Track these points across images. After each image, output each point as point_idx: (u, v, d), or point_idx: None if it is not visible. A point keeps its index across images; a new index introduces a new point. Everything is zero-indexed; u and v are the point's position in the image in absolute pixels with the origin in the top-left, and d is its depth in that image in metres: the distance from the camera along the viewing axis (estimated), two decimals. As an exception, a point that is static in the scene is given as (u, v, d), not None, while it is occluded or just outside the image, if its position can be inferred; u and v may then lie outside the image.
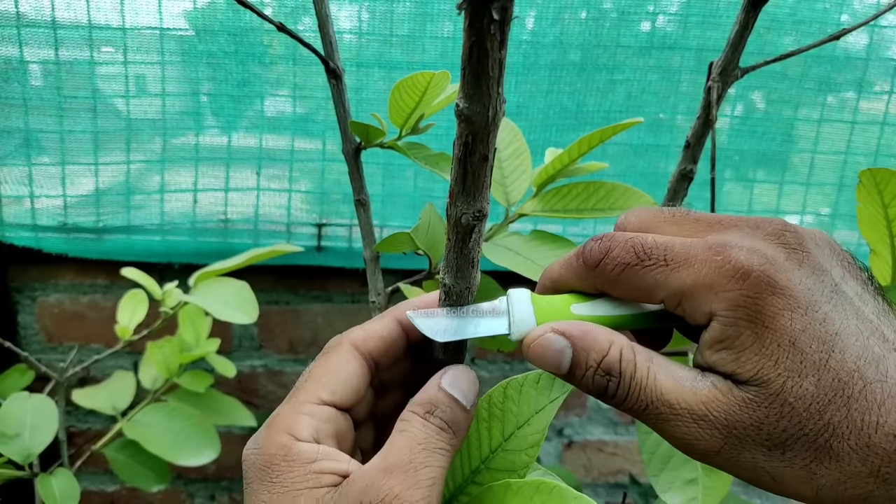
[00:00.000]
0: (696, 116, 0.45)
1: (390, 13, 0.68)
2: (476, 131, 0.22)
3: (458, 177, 0.24)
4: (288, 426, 0.27)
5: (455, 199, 0.25)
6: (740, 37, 0.42)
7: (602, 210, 0.46)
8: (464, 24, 0.20)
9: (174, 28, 0.68)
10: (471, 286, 0.28)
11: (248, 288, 0.58)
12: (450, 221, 0.25)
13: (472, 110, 0.22)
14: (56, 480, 0.55)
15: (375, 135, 0.45)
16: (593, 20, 0.70)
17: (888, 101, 0.75)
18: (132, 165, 0.73)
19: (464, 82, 0.21)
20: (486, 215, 0.25)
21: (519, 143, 0.51)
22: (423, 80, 0.41)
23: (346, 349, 0.29)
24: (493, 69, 0.21)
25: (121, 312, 0.65)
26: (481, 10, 0.20)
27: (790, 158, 0.78)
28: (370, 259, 0.48)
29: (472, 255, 0.26)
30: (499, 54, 0.21)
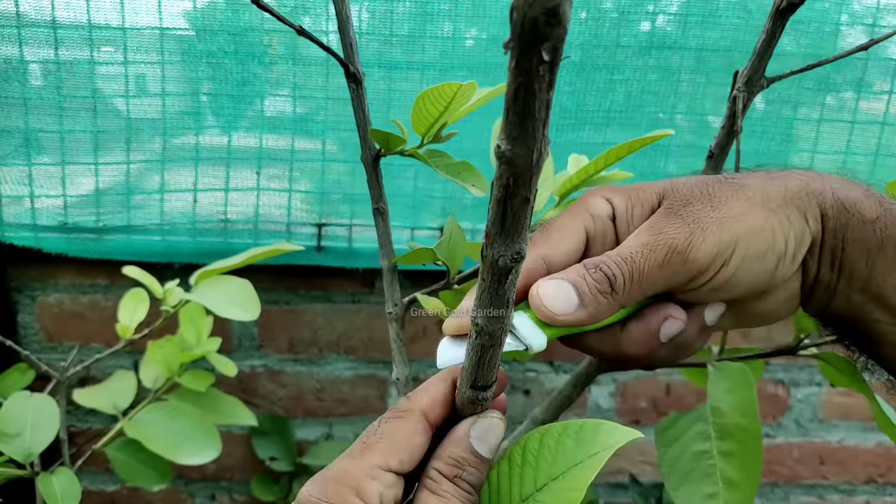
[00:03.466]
0: (721, 126, 0.44)
1: (390, 13, 0.68)
2: (519, 174, 0.21)
3: (496, 218, 0.23)
4: (358, 487, 0.28)
5: (492, 241, 0.24)
6: (767, 46, 0.41)
7: None
8: (509, 64, 0.19)
9: (174, 28, 0.68)
10: (504, 325, 0.27)
11: (249, 285, 0.58)
12: (485, 262, 0.24)
13: (515, 153, 0.21)
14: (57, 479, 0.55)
15: (396, 142, 0.44)
16: (593, 20, 0.70)
17: (888, 100, 0.75)
18: (132, 165, 0.73)
19: (506, 123, 0.20)
20: (524, 257, 0.24)
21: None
22: (450, 90, 0.41)
23: (419, 419, 0.30)
24: (540, 111, 0.20)
25: (122, 311, 0.65)
26: (531, 49, 0.18)
27: (790, 158, 0.78)
28: (388, 269, 0.47)
29: (508, 296, 0.26)
30: (546, 95, 0.19)
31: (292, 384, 0.86)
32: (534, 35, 0.18)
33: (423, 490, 0.29)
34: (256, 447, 0.84)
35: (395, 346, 0.45)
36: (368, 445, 0.29)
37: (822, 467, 0.93)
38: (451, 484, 0.29)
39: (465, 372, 0.30)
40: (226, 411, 0.68)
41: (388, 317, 0.46)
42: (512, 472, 0.30)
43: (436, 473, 0.29)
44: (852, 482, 0.94)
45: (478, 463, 0.30)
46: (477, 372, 0.29)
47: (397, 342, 0.46)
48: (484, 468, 0.30)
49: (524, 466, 0.30)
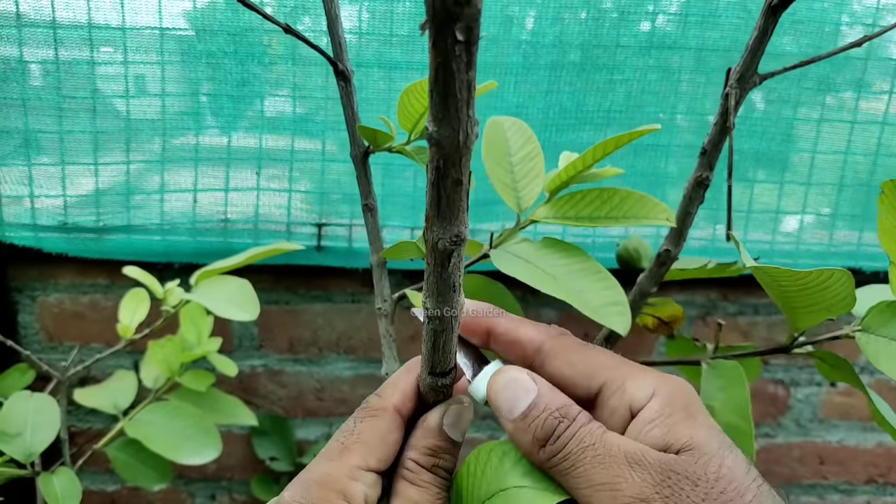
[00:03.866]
0: (713, 123, 0.44)
1: (390, 13, 0.68)
2: (447, 155, 0.21)
3: (432, 201, 0.23)
4: (343, 490, 0.28)
5: (431, 224, 0.24)
6: (759, 42, 0.41)
7: (616, 219, 0.44)
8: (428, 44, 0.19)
9: (174, 28, 0.68)
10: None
11: (249, 286, 0.58)
12: (427, 246, 0.25)
13: (441, 134, 0.21)
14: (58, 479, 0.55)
15: (384, 139, 0.45)
16: (593, 20, 0.70)
17: (888, 100, 0.75)
18: (132, 165, 0.73)
19: (432, 105, 0.20)
20: (465, 240, 0.24)
21: (532, 145, 0.49)
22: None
23: (392, 416, 0.31)
24: (462, 91, 0.20)
25: (122, 311, 0.65)
26: (444, 30, 0.19)
27: (790, 158, 0.78)
28: (377, 264, 0.47)
29: (453, 280, 0.26)
30: (466, 76, 0.20)
31: (292, 384, 0.86)
32: (446, 16, 0.18)
33: (402, 481, 0.30)
34: (256, 447, 0.84)
35: (385, 342, 0.46)
36: (346, 447, 0.30)
37: (821, 467, 0.93)
38: (428, 473, 0.30)
39: (422, 359, 0.30)
40: (226, 411, 0.68)
41: (378, 312, 0.46)
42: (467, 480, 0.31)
43: (413, 464, 0.30)
44: (852, 482, 0.94)
45: (451, 448, 0.30)
46: (433, 358, 0.29)
47: (387, 338, 0.46)
48: (456, 452, 0.31)
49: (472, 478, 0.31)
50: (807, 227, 0.81)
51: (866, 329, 0.42)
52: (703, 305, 0.86)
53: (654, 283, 0.50)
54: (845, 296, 0.40)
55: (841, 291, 0.40)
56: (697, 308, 0.86)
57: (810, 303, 0.41)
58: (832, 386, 0.90)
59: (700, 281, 0.84)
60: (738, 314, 0.86)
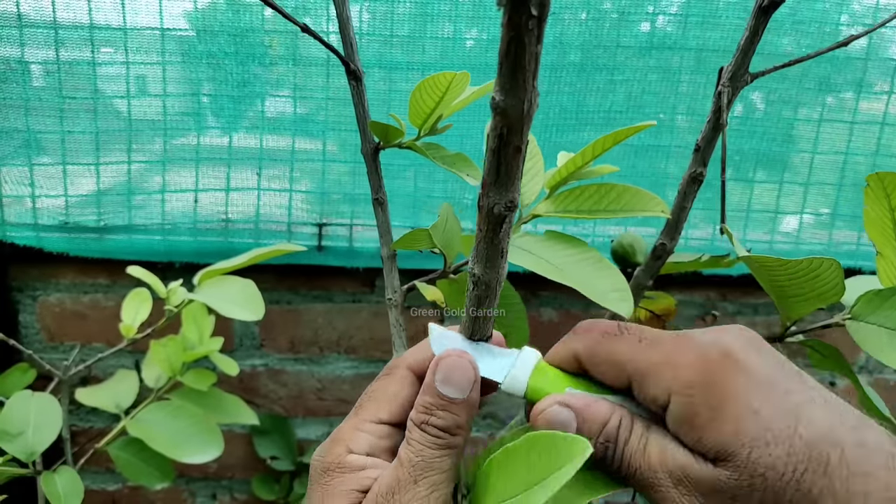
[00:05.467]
0: (707, 120, 0.45)
1: (390, 13, 0.68)
2: (511, 123, 0.23)
3: (491, 168, 0.25)
4: (348, 441, 0.31)
5: (487, 190, 0.25)
6: (750, 42, 0.42)
7: (613, 211, 0.47)
8: (502, 20, 0.21)
9: (175, 28, 0.68)
10: (500, 277, 0.28)
11: (253, 285, 0.59)
12: (481, 212, 0.26)
13: (507, 103, 0.22)
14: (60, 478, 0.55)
15: (395, 135, 0.45)
16: (593, 20, 0.70)
17: (888, 101, 0.75)
18: (133, 165, 0.73)
19: (500, 76, 0.22)
20: (517, 206, 0.26)
21: (531, 146, 0.51)
22: (444, 80, 0.42)
23: (405, 374, 0.32)
24: (530, 63, 0.21)
25: (125, 311, 0.65)
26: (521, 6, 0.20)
27: (790, 158, 0.78)
28: (387, 257, 0.48)
29: (502, 246, 0.27)
30: (535, 49, 0.21)
31: (293, 383, 0.86)
32: None
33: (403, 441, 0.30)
34: (257, 446, 0.84)
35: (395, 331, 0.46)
36: (360, 405, 0.32)
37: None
38: (419, 431, 0.29)
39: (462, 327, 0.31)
40: (227, 410, 0.69)
41: (388, 303, 0.47)
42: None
43: (409, 423, 0.30)
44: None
45: (446, 405, 0.29)
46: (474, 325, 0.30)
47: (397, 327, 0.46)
48: (460, 410, 0.29)
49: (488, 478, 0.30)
50: (806, 227, 0.81)
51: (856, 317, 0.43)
52: (702, 305, 0.86)
53: (650, 276, 0.51)
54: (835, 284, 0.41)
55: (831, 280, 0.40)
56: (696, 308, 0.86)
57: (801, 292, 0.43)
58: (832, 386, 0.90)
59: (699, 281, 0.84)
60: (737, 314, 0.86)
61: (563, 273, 0.41)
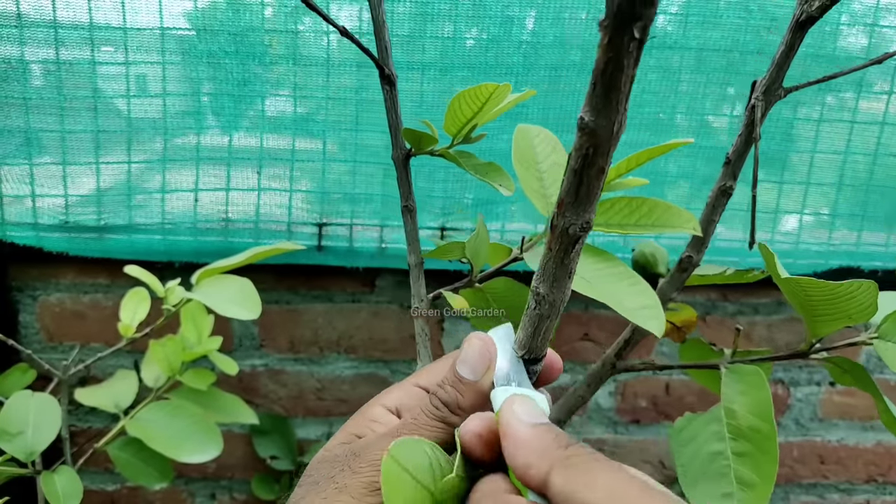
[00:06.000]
0: (738, 134, 0.45)
1: (390, 13, 0.68)
2: (599, 144, 0.22)
3: (571, 187, 0.24)
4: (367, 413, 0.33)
5: (564, 210, 0.25)
6: (786, 57, 0.43)
7: (644, 227, 0.46)
8: (601, 41, 0.20)
9: (175, 28, 0.68)
10: (564, 297, 0.28)
11: (250, 285, 0.59)
12: (554, 232, 0.26)
13: (598, 124, 0.22)
14: (59, 478, 0.55)
15: (428, 142, 0.45)
16: (593, 20, 0.70)
17: (888, 100, 0.75)
18: (133, 165, 0.73)
19: (592, 96, 0.22)
20: (591, 227, 0.25)
21: (559, 154, 0.51)
22: (486, 91, 0.42)
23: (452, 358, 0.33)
24: (625, 85, 0.21)
25: (123, 311, 0.65)
26: (623, 28, 0.20)
27: (790, 158, 0.78)
28: (415, 265, 0.48)
29: (571, 267, 0.27)
30: (632, 71, 0.21)
31: (293, 383, 0.86)
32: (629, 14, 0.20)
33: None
34: (257, 446, 0.84)
35: (420, 341, 0.46)
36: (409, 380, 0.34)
37: (821, 466, 0.93)
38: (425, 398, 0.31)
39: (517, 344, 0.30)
40: (227, 410, 0.69)
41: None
42: None
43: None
44: (852, 481, 0.94)
45: (456, 382, 0.30)
46: (531, 343, 0.30)
47: (422, 336, 0.46)
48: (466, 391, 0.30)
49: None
50: (806, 227, 0.81)
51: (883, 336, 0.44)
52: (703, 305, 0.86)
53: (675, 288, 0.51)
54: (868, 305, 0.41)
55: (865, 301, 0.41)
56: (698, 308, 0.86)
57: (833, 311, 0.43)
58: (832, 385, 0.90)
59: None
60: (738, 314, 0.86)
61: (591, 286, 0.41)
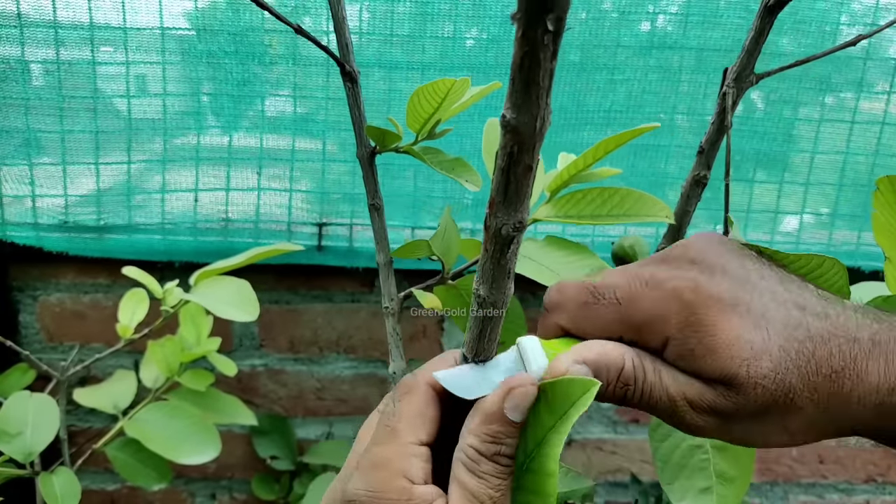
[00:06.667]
0: (710, 122, 0.44)
1: (390, 13, 0.68)
2: (522, 141, 0.22)
3: (499, 187, 0.24)
4: (403, 470, 0.29)
5: (495, 210, 0.24)
6: (756, 43, 0.42)
7: (616, 216, 0.45)
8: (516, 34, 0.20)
9: (175, 28, 0.68)
10: (505, 297, 0.28)
11: (248, 286, 0.58)
12: (488, 232, 0.25)
13: (519, 120, 0.21)
14: (57, 479, 0.55)
15: (391, 139, 0.45)
16: (593, 20, 0.70)
17: (888, 100, 0.75)
18: (133, 165, 0.73)
19: (512, 91, 0.21)
20: (526, 226, 0.25)
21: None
22: (444, 86, 0.41)
23: (425, 390, 0.31)
24: (544, 79, 0.21)
25: (122, 311, 0.65)
26: (536, 20, 0.19)
27: (790, 158, 0.78)
28: (384, 263, 0.47)
29: (509, 267, 0.26)
30: (550, 65, 0.21)
31: (293, 383, 0.86)
32: (540, 5, 0.19)
33: (461, 468, 0.29)
34: (257, 446, 0.84)
35: (392, 341, 0.46)
36: (394, 428, 0.30)
37: (821, 466, 0.93)
38: (489, 463, 0.29)
39: (466, 347, 0.30)
40: (225, 411, 0.68)
41: (385, 311, 0.47)
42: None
43: (473, 452, 0.29)
44: (851, 481, 0.94)
45: (513, 432, 0.29)
46: (478, 346, 0.30)
47: (394, 336, 0.46)
48: (518, 434, 0.29)
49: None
50: (806, 227, 0.81)
51: None
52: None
53: None
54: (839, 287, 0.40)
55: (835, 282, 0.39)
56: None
57: None
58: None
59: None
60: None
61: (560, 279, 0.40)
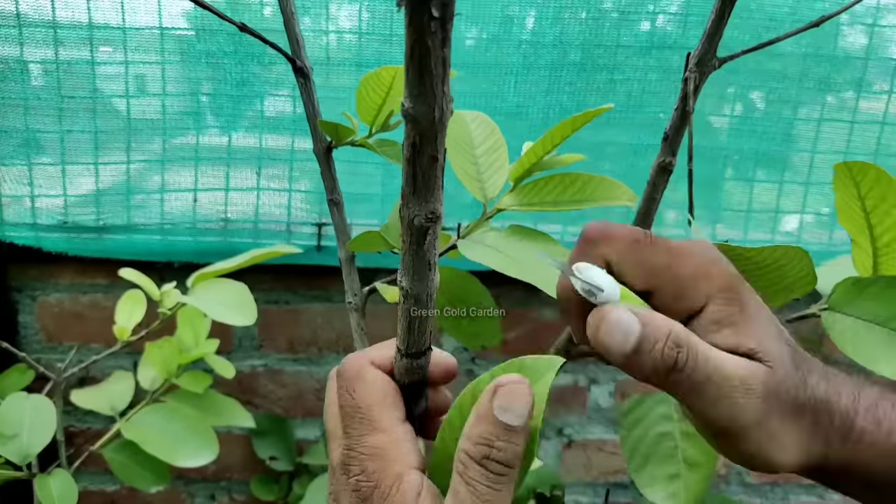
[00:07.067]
0: (674, 108, 0.44)
1: (390, 13, 0.68)
2: (423, 131, 0.22)
3: (408, 178, 0.23)
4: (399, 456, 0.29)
5: (406, 201, 0.24)
6: (716, 26, 0.41)
7: (579, 202, 0.45)
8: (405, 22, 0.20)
9: (174, 28, 0.68)
10: (430, 289, 0.27)
11: (246, 289, 0.58)
12: (403, 223, 0.25)
13: (417, 110, 0.21)
14: (54, 481, 0.55)
15: (346, 133, 0.45)
16: (593, 20, 0.70)
17: (888, 100, 0.75)
18: (132, 165, 0.73)
19: (408, 81, 0.21)
20: (440, 217, 0.24)
21: (496, 137, 0.49)
22: (388, 75, 0.41)
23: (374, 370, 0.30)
24: (437, 67, 0.20)
25: (119, 313, 0.65)
26: (420, 7, 0.19)
27: (790, 158, 0.78)
28: (345, 259, 0.47)
29: (429, 258, 0.26)
30: (441, 52, 0.20)
31: (292, 384, 0.86)
32: None
33: (455, 475, 0.27)
34: (256, 447, 0.84)
35: (357, 336, 0.46)
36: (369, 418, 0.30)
37: (822, 468, 0.93)
38: (478, 468, 0.27)
39: (398, 339, 0.29)
40: (223, 413, 0.68)
41: (349, 307, 0.46)
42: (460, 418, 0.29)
43: (464, 456, 0.27)
44: (853, 483, 0.93)
45: (507, 436, 0.27)
46: (409, 339, 0.29)
47: (358, 332, 0.46)
48: (519, 439, 0.27)
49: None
50: (806, 227, 0.81)
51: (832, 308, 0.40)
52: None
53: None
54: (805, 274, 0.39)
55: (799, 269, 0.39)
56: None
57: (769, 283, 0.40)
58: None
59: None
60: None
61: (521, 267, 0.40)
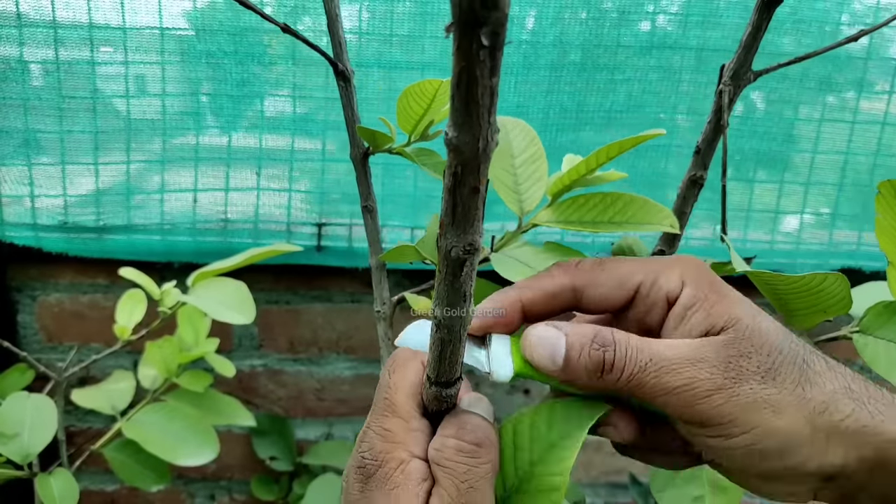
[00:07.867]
0: (707, 121, 0.44)
1: (390, 13, 0.68)
2: (466, 162, 0.21)
3: (447, 208, 0.23)
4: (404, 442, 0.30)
5: (445, 232, 0.23)
6: (753, 38, 0.41)
7: (619, 224, 0.43)
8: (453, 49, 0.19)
9: (174, 28, 0.68)
10: (463, 321, 0.27)
11: (245, 288, 0.58)
12: (440, 254, 0.24)
13: (461, 140, 0.20)
14: (55, 480, 0.55)
15: (383, 140, 0.44)
16: (593, 20, 0.70)
17: (888, 100, 0.75)
18: (132, 165, 0.73)
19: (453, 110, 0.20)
20: (479, 249, 0.24)
21: (535, 147, 0.48)
22: (432, 87, 0.40)
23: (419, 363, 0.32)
24: (484, 97, 0.19)
25: (119, 312, 0.65)
26: (470, 34, 0.18)
27: (790, 158, 0.78)
28: (376, 266, 0.47)
29: (465, 289, 0.25)
30: (489, 82, 0.19)
31: (292, 384, 0.86)
32: (472, 19, 0.18)
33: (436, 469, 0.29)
34: (256, 447, 0.84)
35: (384, 346, 0.46)
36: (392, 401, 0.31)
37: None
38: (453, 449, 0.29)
39: (428, 367, 0.29)
40: (224, 412, 0.68)
41: (377, 315, 0.46)
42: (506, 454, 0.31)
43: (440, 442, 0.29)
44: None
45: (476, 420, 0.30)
46: (439, 368, 0.29)
47: (385, 341, 0.46)
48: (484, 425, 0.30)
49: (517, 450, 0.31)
50: (807, 227, 0.81)
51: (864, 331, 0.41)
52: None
53: None
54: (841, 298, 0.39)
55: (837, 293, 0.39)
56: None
57: (806, 305, 0.41)
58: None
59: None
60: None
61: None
